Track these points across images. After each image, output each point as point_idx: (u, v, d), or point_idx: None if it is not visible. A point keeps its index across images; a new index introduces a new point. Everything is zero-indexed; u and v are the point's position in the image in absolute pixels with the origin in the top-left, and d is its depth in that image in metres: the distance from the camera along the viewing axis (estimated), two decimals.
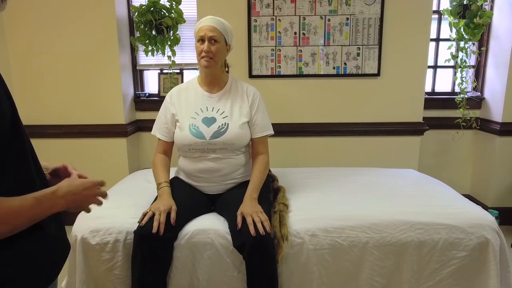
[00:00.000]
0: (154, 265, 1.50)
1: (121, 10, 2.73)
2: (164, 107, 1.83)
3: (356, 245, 1.59)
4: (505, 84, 2.71)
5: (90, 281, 1.60)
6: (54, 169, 1.04)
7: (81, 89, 2.72)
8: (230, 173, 1.76)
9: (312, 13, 2.66)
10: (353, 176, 2.20)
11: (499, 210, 2.69)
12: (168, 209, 1.54)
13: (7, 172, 0.78)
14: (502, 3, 2.74)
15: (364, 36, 2.68)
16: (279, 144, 2.70)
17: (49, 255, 0.88)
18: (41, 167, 0.91)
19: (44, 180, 0.92)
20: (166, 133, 1.81)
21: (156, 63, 2.90)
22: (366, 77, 2.74)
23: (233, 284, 1.58)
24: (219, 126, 1.72)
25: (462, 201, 1.85)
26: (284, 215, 1.64)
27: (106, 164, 2.78)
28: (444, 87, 3.07)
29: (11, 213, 0.74)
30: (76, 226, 1.64)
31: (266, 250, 1.48)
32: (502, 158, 2.81)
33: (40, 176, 0.89)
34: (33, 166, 0.86)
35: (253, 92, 1.83)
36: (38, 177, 0.88)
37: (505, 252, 1.64)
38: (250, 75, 2.74)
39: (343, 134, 2.82)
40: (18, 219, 0.76)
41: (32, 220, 0.79)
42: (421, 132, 2.82)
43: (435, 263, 1.61)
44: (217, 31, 1.67)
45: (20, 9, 2.60)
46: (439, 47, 2.97)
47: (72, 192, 0.88)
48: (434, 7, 2.80)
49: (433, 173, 2.56)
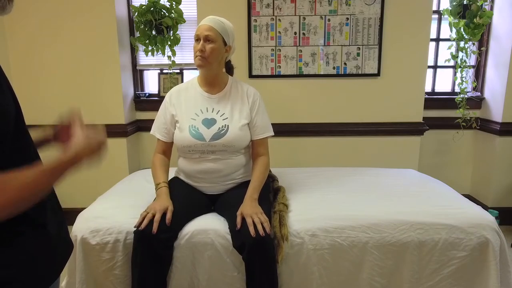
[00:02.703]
0: (154, 265, 1.50)
1: (121, 10, 2.73)
2: (164, 107, 1.82)
3: (356, 245, 1.59)
4: (505, 84, 2.71)
5: (90, 281, 1.60)
6: (54, 134, 1.01)
7: (81, 89, 2.72)
8: (230, 174, 1.76)
9: (312, 13, 2.66)
10: (353, 176, 2.20)
11: (499, 210, 2.69)
12: (164, 209, 1.53)
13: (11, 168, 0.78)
14: (502, 3, 2.74)
15: (364, 36, 2.68)
16: (279, 144, 2.70)
17: (51, 254, 0.88)
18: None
19: None
20: (165, 134, 1.81)
21: (156, 63, 2.90)
22: (366, 77, 2.74)
23: (233, 284, 1.58)
24: (219, 128, 1.71)
25: (462, 201, 1.85)
26: (284, 215, 1.64)
27: (106, 164, 2.76)
28: (444, 87, 3.07)
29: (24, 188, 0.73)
30: (76, 226, 1.64)
31: (266, 250, 1.48)
32: (502, 158, 2.81)
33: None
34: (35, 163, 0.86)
35: (253, 93, 1.82)
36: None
37: (505, 252, 1.64)
38: (250, 75, 2.74)
39: (343, 134, 2.82)
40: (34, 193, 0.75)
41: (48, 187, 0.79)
42: (421, 132, 2.82)
43: (435, 263, 1.61)
44: (213, 31, 1.66)
45: (20, 9, 2.60)
46: (439, 47, 2.97)
47: (91, 153, 0.86)
48: (434, 7, 2.80)
49: (433, 173, 2.57)
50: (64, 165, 0.80)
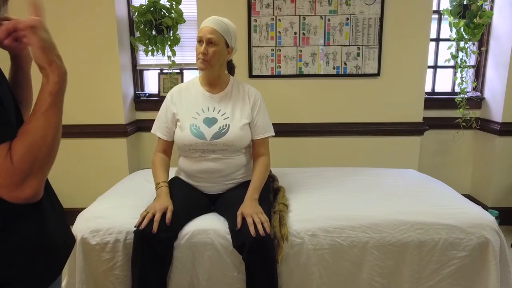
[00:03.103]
0: (154, 265, 1.50)
1: (121, 10, 2.73)
2: (165, 106, 1.82)
3: (356, 245, 1.59)
4: (505, 84, 2.71)
5: (90, 281, 1.60)
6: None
7: (81, 89, 2.72)
8: (231, 174, 1.76)
9: (312, 13, 2.66)
10: (353, 176, 2.20)
11: (499, 210, 2.69)
12: (164, 209, 1.53)
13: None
14: (502, 3, 2.74)
15: (364, 36, 2.68)
16: (279, 144, 2.70)
17: (51, 254, 0.89)
18: None
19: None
20: (166, 132, 1.81)
21: (156, 63, 2.90)
22: (366, 77, 2.74)
23: (233, 284, 1.58)
24: (220, 127, 1.72)
25: (462, 201, 1.85)
26: (284, 215, 1.64)
27: (106, 164, 2.78)
28: (444, 87, 3.07)
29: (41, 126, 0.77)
30: (76, 226, 1.64)
31: (266, 250, 1.48)
32: (502, 158, 2.81)
33: None
34: None
35: (254, 93, 1.83)
36: None
37: (505, 252, 1.64)
38: (250, 75, 2.74)
39: (343, 134, 2.82)
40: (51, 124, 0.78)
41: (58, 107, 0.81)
42: (421, 132, 2.82)
43: (435, 263, 1.61)
44: (216, 33, 1.66)
45: (20, 9, 2.60)
46: (439, 47, 2.97)
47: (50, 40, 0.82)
48: (434, 7, 2.80)
49: (433, 173, 2.57)
50: (55, 88, 0.81)
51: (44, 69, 0.80)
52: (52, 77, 0.81)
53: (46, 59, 0.80)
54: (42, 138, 0.77)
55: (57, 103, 0.81)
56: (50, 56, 0.81)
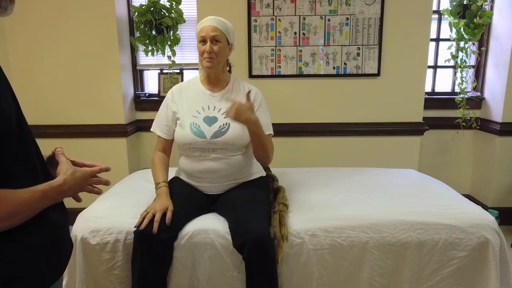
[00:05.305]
0: (154, 265, 1.50)
1: (121, 10, 2.73)
2: (165, 104, 1.82)
3: (356, 245, 1.59)
4: (505, 84, 2.71)
5: (90, 281, 1.60)
6: (48, 157, 1.04)
7: (81, 89, 2.72)
8: (231, 174, 1.75)
9: (312, 13, 2.66)
10: (353, 176, 2.20)
11: (499, 210, 2.69)
12: (165, 209, 1.53)
13: (13, 169, 0.79)
14: (502, 3, 2.74)
15: (364, 36, 2.68)
16: (279, 144, 2.68)
17: (55, 252, 0.89)
18: (45, 163, 0.92)
19: (48, 176, 0.92)
20: (166, 131, 1.81)
21: (156, 63, 2.90)
22: (366, 77, 2.74)
23: (233, 284, 1.58)
24: (220, 126, 1.72)
25: (462, 201, 1.85)
26: (284, 215, 1.64)
27: (106, 164, 2.76)
28: (444, 87, 3.07)
29: (22, 205, 0.79)
30: (76, 226, 1.64)
31: (266, 250, 1.48)
32: (502, 158, 2.81)
33: (44, 173, 0.90)
34: (37, 163, 0.87)
35: (255, 92, 1.83)
36: (42, 174, 0.88)
37: (505, 252, 1.64)
38: (250, 75, 2.74)
39: (343, 134, 2.82)
40: (28, 210, 0.80)
41: (38, 210, 0.83)
42: (421, 132, 2.82)
43: (435, 263, 1.61)
44: (219, 31, 1.67)
45: (21, 9, 2.60)
46: (439, 47, 2.97)
47: (76, 186, 0.93)
48: (434, 7, 2.80)
49: (433, 173, 2.56)
50: (53, 189, 0.86)
51: (59, 181, 0.89)
52: (57, 186, 0.88)
53: (64, 184, 0.90)
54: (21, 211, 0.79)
55: (43, 200, 0.84)
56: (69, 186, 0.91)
